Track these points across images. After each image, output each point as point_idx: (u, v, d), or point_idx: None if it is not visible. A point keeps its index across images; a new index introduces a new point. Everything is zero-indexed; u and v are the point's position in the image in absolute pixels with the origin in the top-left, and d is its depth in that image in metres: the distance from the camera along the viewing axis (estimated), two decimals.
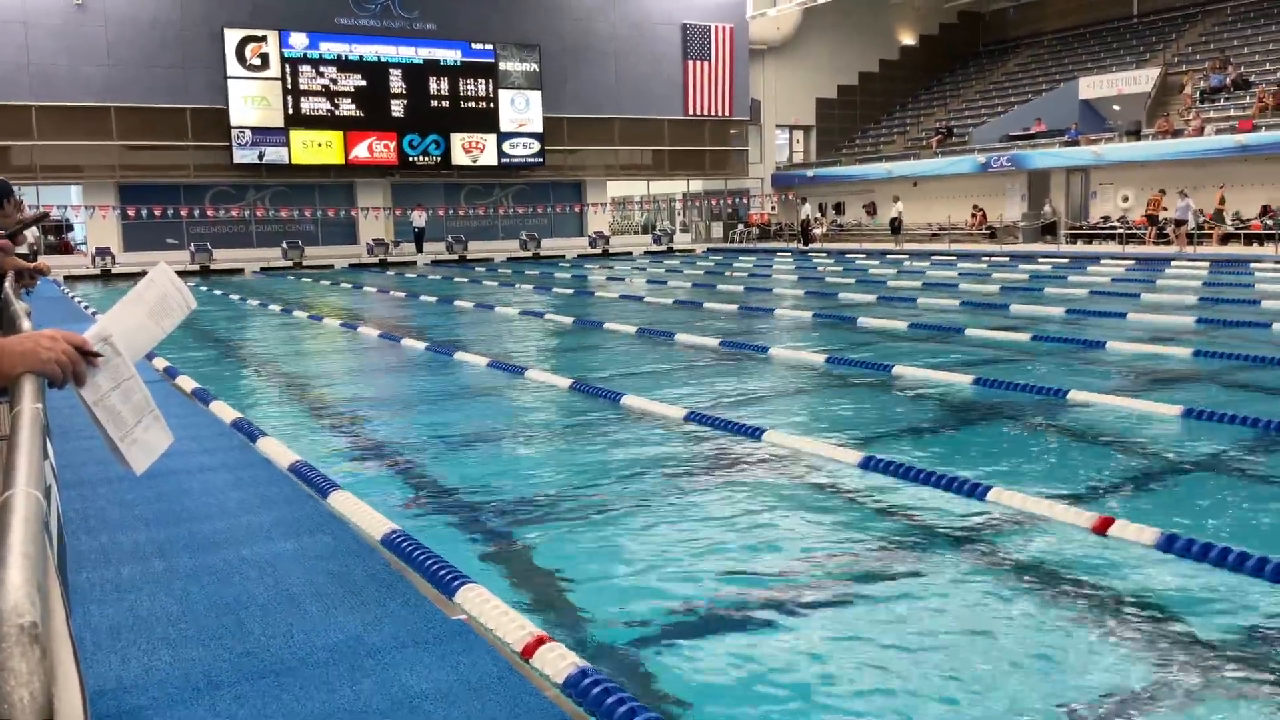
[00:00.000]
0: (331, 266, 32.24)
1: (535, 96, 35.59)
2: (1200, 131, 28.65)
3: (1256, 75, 31.29)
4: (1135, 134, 30.74)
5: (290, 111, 32.11)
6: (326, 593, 3.68)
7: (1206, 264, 22.11)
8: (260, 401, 9.06)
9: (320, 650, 3.20)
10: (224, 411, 7.55)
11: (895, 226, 33.15)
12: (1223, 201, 27.61)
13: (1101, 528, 4.62)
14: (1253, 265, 21.33)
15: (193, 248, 31.25)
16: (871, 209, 38.95)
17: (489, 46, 34.74)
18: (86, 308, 18.17)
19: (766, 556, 4.56)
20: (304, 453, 6.22)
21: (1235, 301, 14.80)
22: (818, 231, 38.17)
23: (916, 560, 4.45)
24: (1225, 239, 27.00)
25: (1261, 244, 25.90)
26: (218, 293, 22.20)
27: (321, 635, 3.31)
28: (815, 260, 29.08)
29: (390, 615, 3.46)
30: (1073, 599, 3.99)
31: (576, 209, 38.27)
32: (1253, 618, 3.77)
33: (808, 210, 37.02)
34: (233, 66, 31.25)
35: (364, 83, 33.09)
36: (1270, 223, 25.91)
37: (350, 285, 24.25)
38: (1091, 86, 34.68)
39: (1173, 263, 22.66)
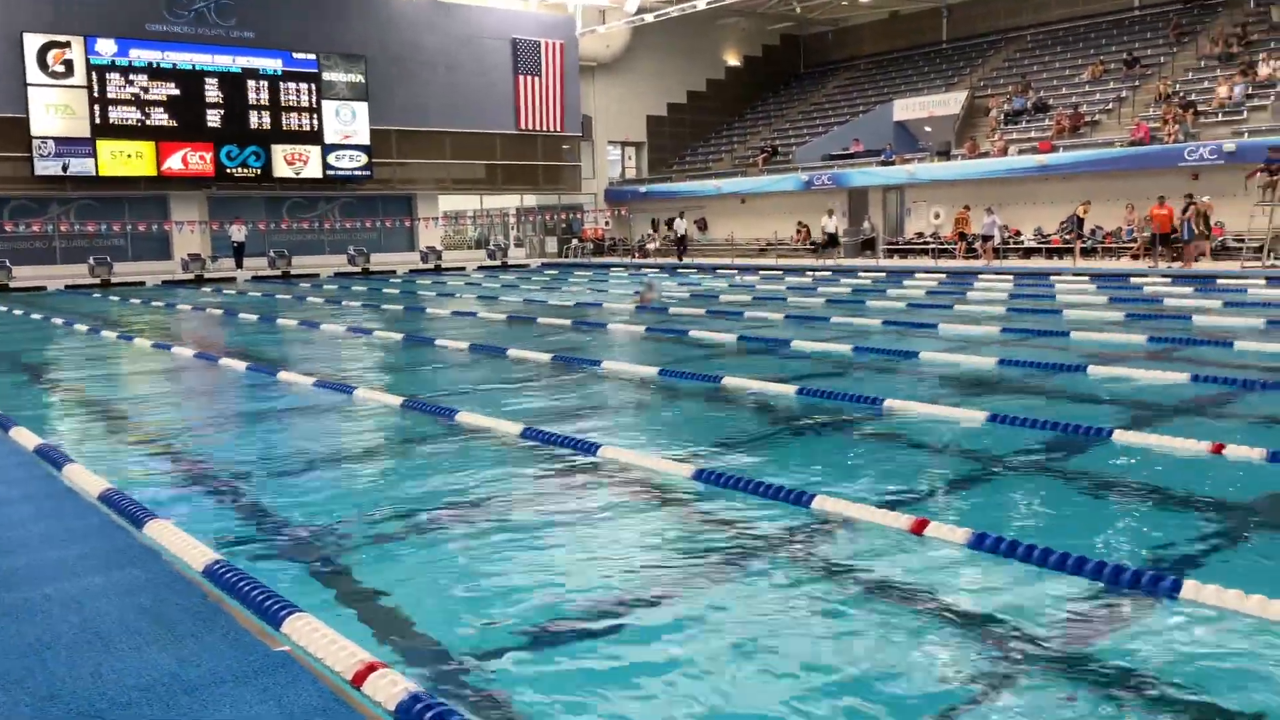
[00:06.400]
0: (144, 284, 30.63)
1: (362, 108, 34.84)
2: (1004, 152, 30.51)
3: (1054, 99, 33.53)
4: (945, 154, 32.44)
5: (98, 121, 30.45)
6: (139, 629, 3.50)
7: (1011, 277, 23.50)
8: (67, 427, 8.52)
9: (132, 690, 3.03)
10: (26, 438, 7.09)
11: (832, 239, 32.91)
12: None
13: (918, 529, 4.85)
14: (1052, 278, 22.77)
15: None
16: (703, 224, 39.72)
17: (312, 56, 33.83)
18: None
19: (603, 570, 4.58)
20: (116, 480, 5.89)
21: (1038, 312, 15.79)
22: (651, 246, 38.65)
23: (748, 567, 4.55)
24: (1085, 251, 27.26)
25: (1061, 257, 27.70)
26: (18, 312, 20.80)
27: (133, 674, 3.14)
28: (647, 275, 29.42)
29: (208, 650, 3.32)
30: (893, 598, 4.17)
31: (407, 223, 37.61)
32: (1060, 611, 4.01)
33: (683, 225, 36.87)
34: (33, 73, 29.43)
35: (178, 92, 31.68)
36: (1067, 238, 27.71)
37: (163, 303, 23.10)
38: (905, 109, 36.47)
39: (980, 276, 23.98)
